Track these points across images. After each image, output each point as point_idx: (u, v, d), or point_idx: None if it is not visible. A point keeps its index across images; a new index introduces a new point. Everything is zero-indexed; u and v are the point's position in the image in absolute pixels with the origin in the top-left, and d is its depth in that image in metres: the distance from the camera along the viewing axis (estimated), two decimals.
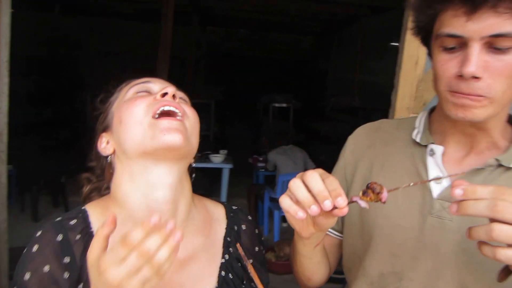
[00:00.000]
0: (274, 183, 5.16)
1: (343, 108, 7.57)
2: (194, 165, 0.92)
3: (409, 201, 0.87)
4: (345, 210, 0.67)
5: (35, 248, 0.74)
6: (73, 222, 0.79)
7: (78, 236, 0.77)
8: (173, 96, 0.81)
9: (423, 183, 0.84)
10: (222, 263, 0.86)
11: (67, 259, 0.74)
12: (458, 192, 0.61)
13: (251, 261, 0.89)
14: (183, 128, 0.78)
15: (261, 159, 5.67)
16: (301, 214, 0.68)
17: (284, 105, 6.70)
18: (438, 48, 0.77)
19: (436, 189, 0.84)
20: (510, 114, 0.86)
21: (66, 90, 8.64)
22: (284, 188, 4.62)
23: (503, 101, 0.74)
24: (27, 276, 0.72)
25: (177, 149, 0.76)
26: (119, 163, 0.84)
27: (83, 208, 0.82)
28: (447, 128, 0.86)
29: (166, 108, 0.78)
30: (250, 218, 0.98)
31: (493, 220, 0.59)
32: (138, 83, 0.87)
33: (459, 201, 0.62)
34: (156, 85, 0.87)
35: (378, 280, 0.90)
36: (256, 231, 0.96)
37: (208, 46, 9.83)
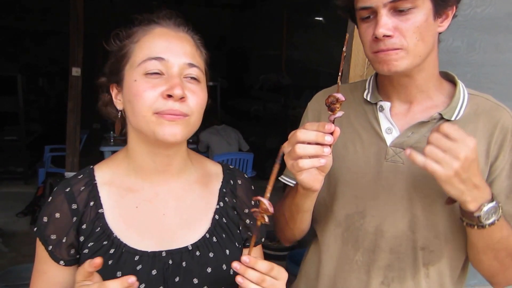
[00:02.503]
0: None
1: (272, 87, 7.89)
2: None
3: (367, 150, 1.14)
4: (338, 129, 0.89)
5: (50, 199, 1.02)
6: (80, 176, 1.04)
7: (82, 188, 1.01)
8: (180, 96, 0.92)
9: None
10: (216, 209, 1.08)
11: (74, 206, 0.99)
12: (407, 152, 0.90)
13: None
14: (182, 127, 0.93)
15: (191, 140, 5.76)
16: (323, 160, 0.90)
17: (211, 83, 6.86)
18: (359, 20, 1.05)
19: (389, 138, 1.12)
20: (447, 72, 1.15)
21: None
22: None
23: (417, 51, 0.99)
24: (44, 219, 1.00)
25: (175, 144, 0.97)
26: (128, 121, 1.01)
27: (91, 167, 1.07)
28: (388, 86, 1.14)
29: (169, 110, 0.92)
30: (246, 176, 1.19)
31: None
32: (151, 58, 0.94)
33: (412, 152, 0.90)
34: (169, 62, 0.95)
35: (345, 220, 1.17)
36: (252, 187, 1.16)
37: (116, 19, 9.54)
